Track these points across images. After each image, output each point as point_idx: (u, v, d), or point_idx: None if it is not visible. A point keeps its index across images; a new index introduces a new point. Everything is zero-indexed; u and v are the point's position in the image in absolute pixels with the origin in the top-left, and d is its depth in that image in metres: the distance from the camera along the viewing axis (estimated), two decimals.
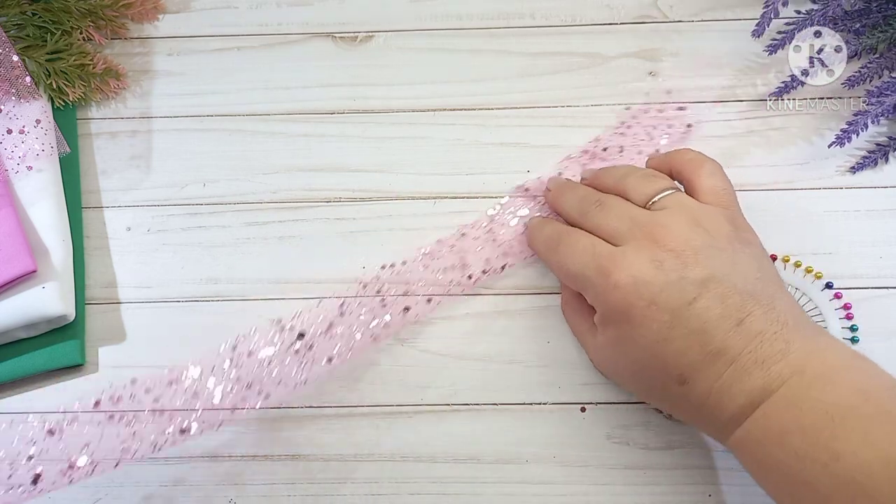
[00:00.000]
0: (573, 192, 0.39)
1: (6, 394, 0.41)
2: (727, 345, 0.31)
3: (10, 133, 0.43)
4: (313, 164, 0.45)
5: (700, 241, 0.33)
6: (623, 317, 0.33)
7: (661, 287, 0.32)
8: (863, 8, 0.45)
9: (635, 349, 0.33)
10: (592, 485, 0.39)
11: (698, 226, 0.34)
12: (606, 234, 0.35)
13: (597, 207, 0.36)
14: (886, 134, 0.44)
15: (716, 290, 0.32)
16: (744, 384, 0.31)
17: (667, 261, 0.32)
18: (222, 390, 0.40)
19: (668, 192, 0.36)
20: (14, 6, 0.45)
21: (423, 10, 0.48)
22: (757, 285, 0.33)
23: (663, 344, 0.32)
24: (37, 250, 0.41)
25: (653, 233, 0.33)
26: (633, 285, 0.32)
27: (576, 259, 0.35)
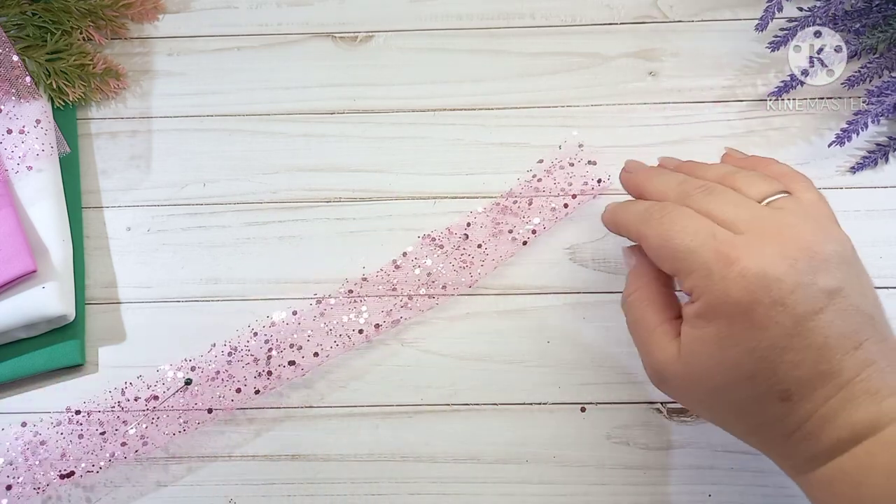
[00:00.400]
0: (668, 176, 0.34)
1: (6, 394, 0.41)
2: (842, 367, 0.28)
3: (10, 133, 0.43)
4: (313, 164, 0.45)
5: (831, 250, 0.30)
6: (741, 312, 0.29)
7: (793, 288, 0.28)
8: (863, 8, 0.45)
9: (743, 353, 0.29)
10: (592, 485, 0.39)
11: (827, 234, 0.30)
12: (720, 219, 0.31)
13: (704, 192, 0.32)
14: (886, 134, 0.44)
15: (841, 305, 0.29)
16: (851, 415, 0.28)
17: (801, 261, 0.29)
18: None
19: (784, 194, 0.32)
20: (14, 6, 0.45)
21: (423, 10, 0.48)
22: (875, 311, 0.30)
23: (779, 352, 0.29)
24: (37, 250, 0.41)
25: (780, 229, 0.30)
26: (762, 278, 0.28)
27: (689, 234, 0.30)
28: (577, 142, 0.44)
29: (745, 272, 0.29)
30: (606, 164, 0.43)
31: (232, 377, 0.40)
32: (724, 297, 0.29)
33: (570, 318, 0.42)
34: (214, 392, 0.40)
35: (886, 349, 0.29)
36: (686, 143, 0.45)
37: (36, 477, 0.38)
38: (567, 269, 0.43)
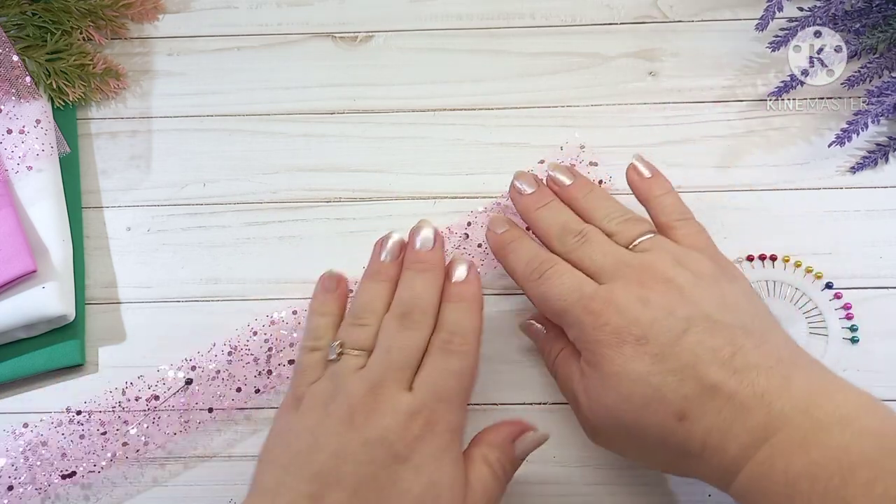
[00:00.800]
0: (553, 215, 0.38)
1: (6, 394, 0.41)
2: (722, 378, 0.30)
3: (10, 133, 0.43)
4: (313, 164, 0.45)
5: (684, 280, 0.33)
6: (615, 353, 0.32)
7: (650, 323, 0.32)
8: (863, 8, 0.45)
9: (629, 384, 0.32)
10: (592, 485, 0.39)
11: (682, 266, 0.34)
12: (590, 270, 0.35)
13: (580, 241, 0.36)
14: (886, 134, 0.44)
15: (703, 325, 0.32)
16: (745, 422, 0.30)
17: (653, 299, 0.33)
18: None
19: (650, 235, 0.36)
20: (14, 6, 0.45)
21: (423, 10, 0.48)
22: (746, 319, 0.32)
23: (657, 377, 0.31)
24: (37, 250, 0.41)
25: (639, 273, 0.34)
26: (624, 322, 0.32)
27: (562, 296, 0.34)
28: (579, 143, 0.44)
29: (609, 321, 0.32)
30: (608, 166, 0.43)
31: (232, 376, 0.40)
32: (598, 344, 0.33)
33: None
34: (215, 391, 0.40)
35: (766, 352, 0.31)
36: (686, 143, 0.45)
37: (37, 477, 0.38)
38: None
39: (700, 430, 0.31)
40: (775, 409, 0.29)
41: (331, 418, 0.32)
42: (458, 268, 0.36)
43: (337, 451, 0.31)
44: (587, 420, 0.34)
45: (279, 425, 0.34)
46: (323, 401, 0.33)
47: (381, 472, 0.31)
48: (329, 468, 0.31)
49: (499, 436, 0.35)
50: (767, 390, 0.30)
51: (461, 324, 0.34)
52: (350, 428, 0.31)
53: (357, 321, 0.35)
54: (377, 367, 0.33)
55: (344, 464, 0.31)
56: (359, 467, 0.31)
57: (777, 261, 0.42)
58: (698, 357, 0.31)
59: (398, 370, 0.33)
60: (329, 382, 0.33)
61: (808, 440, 0.28)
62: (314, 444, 0.31)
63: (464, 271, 0.36)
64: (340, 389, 0.33)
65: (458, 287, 0.36)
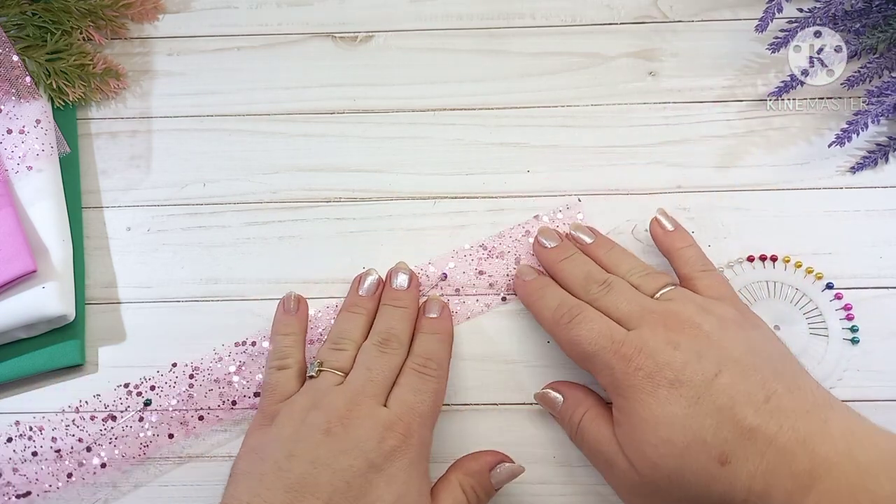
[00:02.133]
0: (577, 265, 0.39)
1: (6, 394, 0.41)
2: (760, 421, 0.31)
3: (10, 133, 0.43)
4: (313, 164, 0.45)
5: (710, 326, 0.34)
6: (650, 397, 0.33)
7: (682, 366, 0.32)
8: (863, 8, 0.45)
9: (667, 428, 0.32)
10: (592, 485, 0.39)
11: (707, 312, 0.35)
12: (616, 317, 0.36)
13: (605, 290, 0.37)
14: (886, 134, 0.44)
15: (735, 368, 0.32)
16: (790, 467, 0.30)
17: (683, 343, 0.33)
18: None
19: (673, 286, 0.37)
20: (14, 6, 0.45)
21: (423, 10, 0.48)
22: (775, 364, 0.33)
23: (695, 419, 0.31)
24: (37, 250, 0.41)
25: (665, 318, 0.34)
26: (654, 367, 0.33)
27: (593, 341, 0.35)
28: (578, 210, 0.44)
29: (641, 365, 0.33)
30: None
31: (192, 398, 0.40)
32: (632, 390, 0.33)
33: None
34: (175, 416, 0.40)
35: (800, 397, 0.31)
36: (686, 143, 0.45)
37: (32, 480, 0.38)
38: None
39: (744, 474, 0.30)
40: (819, 455, 0.29)
41: (308, 428, 0.33)
42: (433, 306, 0.39)
43: (314, 459, 0.32)
44: (625, 477, 0.34)
45: (251, 441, 0.35)
46: (300, 413, 0.34)
47: (356, 480, 0.32)
48: (305, 476, 0.31)
49: (476, 464, 0.36)
50: (809, 435, 0.30)
51: (434, 351, 0.37)
52: (328, 437, 0.32)
53: (336, 346, 0.37)
54: (357, 382, 0.35)
55: (321, 472, 0.31)
56: (335, 475, 0.31)
57: (777, 261, 0.42)
58: (734, 400, 0.31)
59: (376, 386, 0.35)
60: (306, 396, 0.35)
61: (856, 487, 0.28)
62: (291, 453, 0.32)
63: (438, 309, 0.39)
64: (319, 402, 0.34)
65: (431, 321, 0.39)
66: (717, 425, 0.31)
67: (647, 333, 0.34)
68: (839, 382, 0.40)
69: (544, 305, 0.38)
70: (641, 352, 0.33)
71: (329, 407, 0.34)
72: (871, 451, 0.29)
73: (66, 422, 0.40)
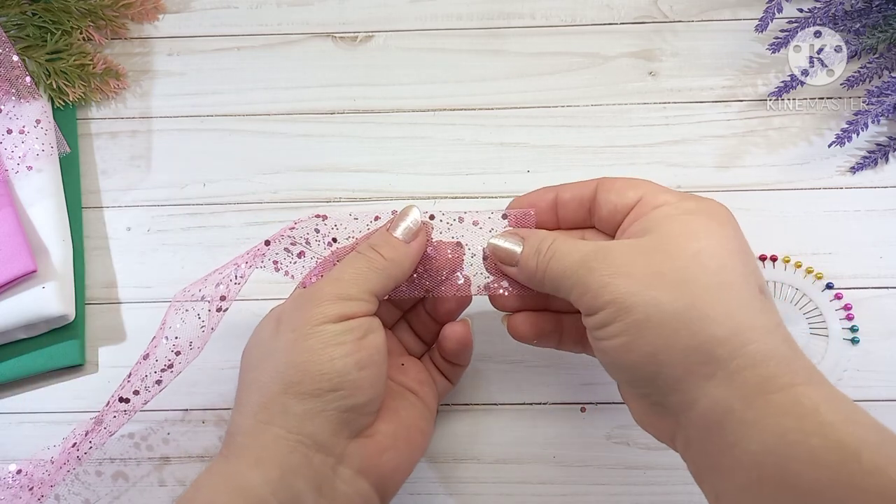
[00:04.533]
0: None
1: (6, 394, 0.41)
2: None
3: (10, 133, 0.43)
4: (313, 164, 0.45)
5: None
6: (694, 219, 0.31)
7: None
8: (863, 8, 0.45)
9: (719, 239, 0.30)
10: (592, 485, 0.39)
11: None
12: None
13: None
14: (886, 134, 0.44)
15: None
16: (794, 362, 0.29)
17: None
18: None
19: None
20: (14, 6, 0.45)
21: (423, 10, 0.48)
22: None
23: (741, 244, 0.31)
24: (37, 250, 0.41)
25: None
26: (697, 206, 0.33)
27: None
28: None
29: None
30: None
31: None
32: (668, 219, 0.31)
33: None
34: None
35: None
36: (686, 143, 0.45)
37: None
38: None
39: (772, 324, 0.29)
40: (815, 381, 0.28)
41: None
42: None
43: None
44: (607, 288, 0.30)
45: None
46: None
47: None
48: None
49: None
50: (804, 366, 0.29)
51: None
52: None
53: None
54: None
55: None
56: None
57: (777, 261, 0.42)
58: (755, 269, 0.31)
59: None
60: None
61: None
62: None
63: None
64: None
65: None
66: (756, 268, 0.31)
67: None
68: (839, 382, 0.40)
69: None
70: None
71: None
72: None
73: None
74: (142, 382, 0.36)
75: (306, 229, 0.37)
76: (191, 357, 0.36)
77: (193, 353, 0.36)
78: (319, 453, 0.31)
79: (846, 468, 0.25)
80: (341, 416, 0.31)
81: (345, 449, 0.31)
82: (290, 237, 0.37)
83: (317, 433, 0.31)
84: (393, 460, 0.33)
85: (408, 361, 0.38)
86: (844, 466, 0.25)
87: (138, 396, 0.36)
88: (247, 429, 0.31)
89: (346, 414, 0.31)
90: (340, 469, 0.31)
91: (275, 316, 0.33)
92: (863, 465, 0.25)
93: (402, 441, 0.33)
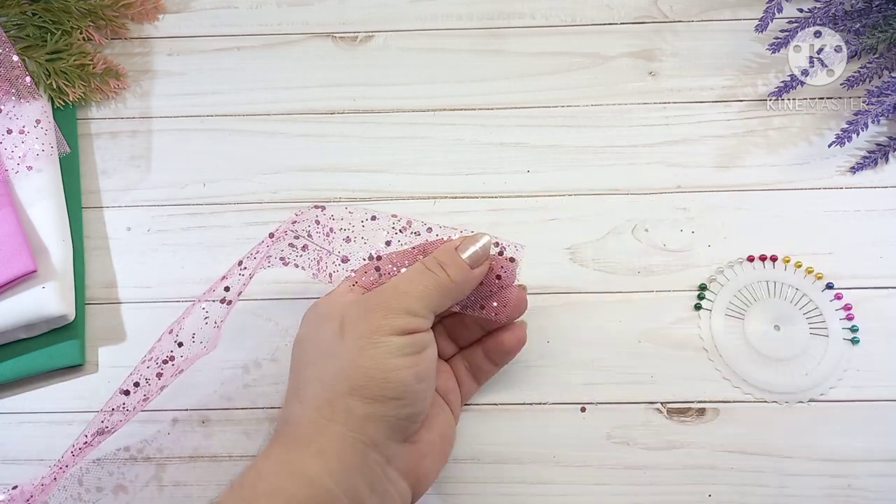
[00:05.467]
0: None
1: (6, 394, 0.41)
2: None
3: (10, 133, 0.43)
4: (313, 164, 0.45)
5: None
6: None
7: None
8: (863, 8, 0.45)
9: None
10: (592, 485, 0.39)
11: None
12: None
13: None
14: (886, 134, 0.44)
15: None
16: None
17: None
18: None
19: None
20: (14, 6, 0.45)
21: (423, 10, 0.48)
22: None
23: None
24: (37, 250, 0.41)
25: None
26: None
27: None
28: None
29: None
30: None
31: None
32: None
33: (570, 318, 0.42)
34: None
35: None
36: (686, 143, 0.45)
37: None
38: (567, 270, 0.43)
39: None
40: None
41: None
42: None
43: None
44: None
45: None
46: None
47: None
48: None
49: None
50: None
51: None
52: None
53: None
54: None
55: None
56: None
57: (777, 261, 0.42)
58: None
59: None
60: None
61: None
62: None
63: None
64: None
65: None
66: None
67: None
68: (839, 382, 0.40)
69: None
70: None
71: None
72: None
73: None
74: (142, 374, 0.36)
75: (308, 222, 0.37)
76: (194, 350, 0.36)
77: (197, 347, 0.36)
78: (374, 453, 0.32)
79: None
80: (399, 422, 0.33)
81: (395, 452, 0.33)
82: (293, 231, 0.37)
83: (375, 435, 0.32)
84: (429, 465, 0.35)
85: (440, 367, 0.38)
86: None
87: (139, 389, 0.36)
88: (309, 420, 0.33)
89: (403, 421, 0.33)
90: (389, 470, 0.33)
91: (336, 317, 0.34)
92: None
93: (437, 448, 0.36)
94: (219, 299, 0.37)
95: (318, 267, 0.38)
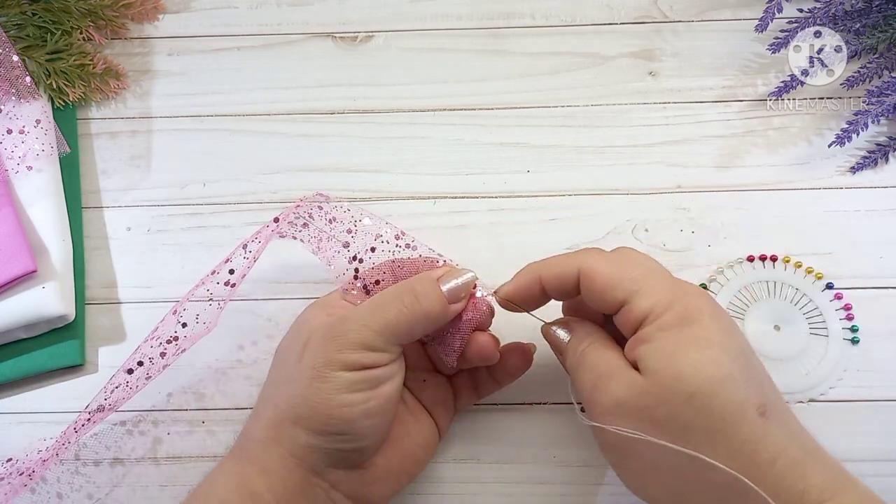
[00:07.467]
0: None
1: (6, 394, 0.41)
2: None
3: (10, 133, 0.43)
4: (313, 164, 0.45)
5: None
6: (713, 322, 0.32)
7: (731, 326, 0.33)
8: (863, 8, 0.45)
9: (721, 350, 0.31)
10: (592, 485, 0.39)
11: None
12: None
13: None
14: (886, 134, 0.44)
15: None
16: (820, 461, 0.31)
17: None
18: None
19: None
20: (14, 6, 0.45)
21: (423, 10, 0.48)
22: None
23: (747, 361, 0.31)
24: (37, 250, 0.41)
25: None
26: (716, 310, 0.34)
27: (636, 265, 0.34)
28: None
29: (688, 285, 0.33)
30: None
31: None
32: (697, 309, 0.31)
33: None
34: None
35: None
36: (686, 143, 0.45)
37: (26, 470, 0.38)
38: None
39: (782, 436, 0.29)
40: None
41: None
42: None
43: None
44: (628, 399, 0.31)
45: None
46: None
47: None
48: None
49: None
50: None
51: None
52: None
53: None
54: None
55: None
56: None
57: (777, 261, 0.42)
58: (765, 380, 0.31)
59: None
60: None
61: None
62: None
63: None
64: None
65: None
66: (766, 384, 0.31)
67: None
68: (839, 382, 0.40)
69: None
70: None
71: None
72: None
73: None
74: (146, 353, 0.37)
75: (311, 206, 0.38)
76: (197, 330, 0.37)
77: (200, 328, 0.37)
78: (317, 478, 0.33)
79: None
80: (342, 454, 0.33)
81: (339, 478, 0.34)
82: (296, 213, 0.38)
83: (316, 464, 0.33)
84: (381, 489, 0.35)
85: (430, 378, 0.38)
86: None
87: (142, 368, 0.36)
88: (258, 439, 0.34)
89: (347, 453, 0.33)
90: (333, 493, 0.34)
91: (304, 336, 0.34)
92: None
93: (394, 473, 0.35)
94: (223, 282, 0.37)
95: (318, 245, 0.38)
